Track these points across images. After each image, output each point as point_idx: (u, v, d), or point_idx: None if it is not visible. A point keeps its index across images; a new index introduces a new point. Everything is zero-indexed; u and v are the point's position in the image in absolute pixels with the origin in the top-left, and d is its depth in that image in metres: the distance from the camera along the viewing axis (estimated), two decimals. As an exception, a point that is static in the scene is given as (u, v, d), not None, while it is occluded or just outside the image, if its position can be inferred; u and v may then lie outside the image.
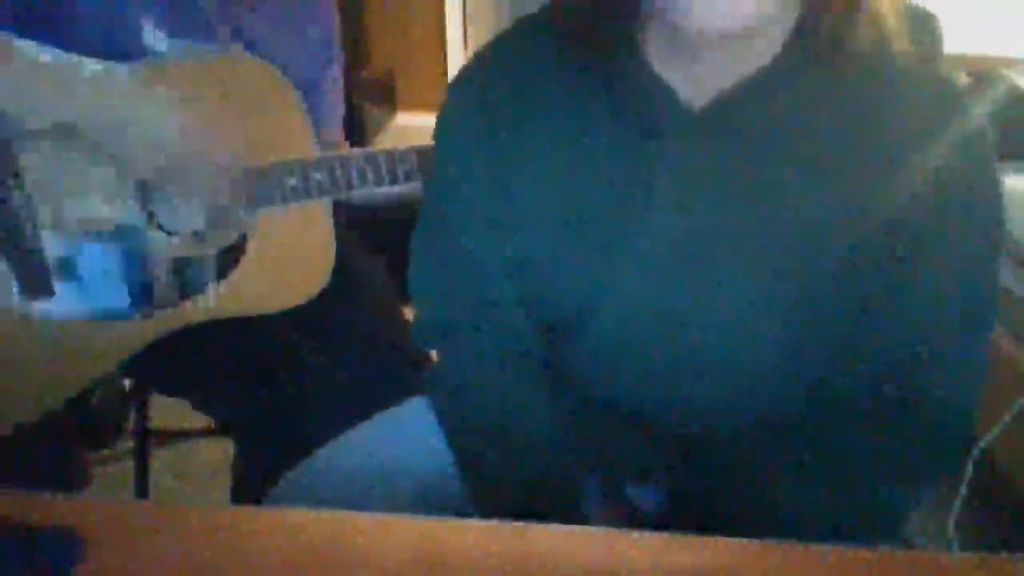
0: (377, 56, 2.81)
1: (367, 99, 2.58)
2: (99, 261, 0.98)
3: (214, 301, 1.02)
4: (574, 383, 0.78)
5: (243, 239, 1.02)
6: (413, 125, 2.85)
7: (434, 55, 2.84)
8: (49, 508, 0.58)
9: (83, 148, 0.95)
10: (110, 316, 1.00)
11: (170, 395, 1.18)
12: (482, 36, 2.74)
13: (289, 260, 1.06)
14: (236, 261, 1.03)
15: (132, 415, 1.40)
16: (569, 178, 0.69)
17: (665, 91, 0.65)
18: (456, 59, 2.81)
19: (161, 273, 1.00)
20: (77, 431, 1.59)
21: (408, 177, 1.05)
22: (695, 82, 0.64)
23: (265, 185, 1.01)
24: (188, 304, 1.01)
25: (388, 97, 2.87)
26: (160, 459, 1.62)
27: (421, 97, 2.87)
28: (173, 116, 0.97)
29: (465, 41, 2.80)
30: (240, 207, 1.01)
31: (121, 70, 0.94)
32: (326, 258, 1.07)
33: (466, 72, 0.75)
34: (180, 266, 1.01)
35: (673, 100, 0.65)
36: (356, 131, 1.78)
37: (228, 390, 1.07)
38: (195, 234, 1.01)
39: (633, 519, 0.80)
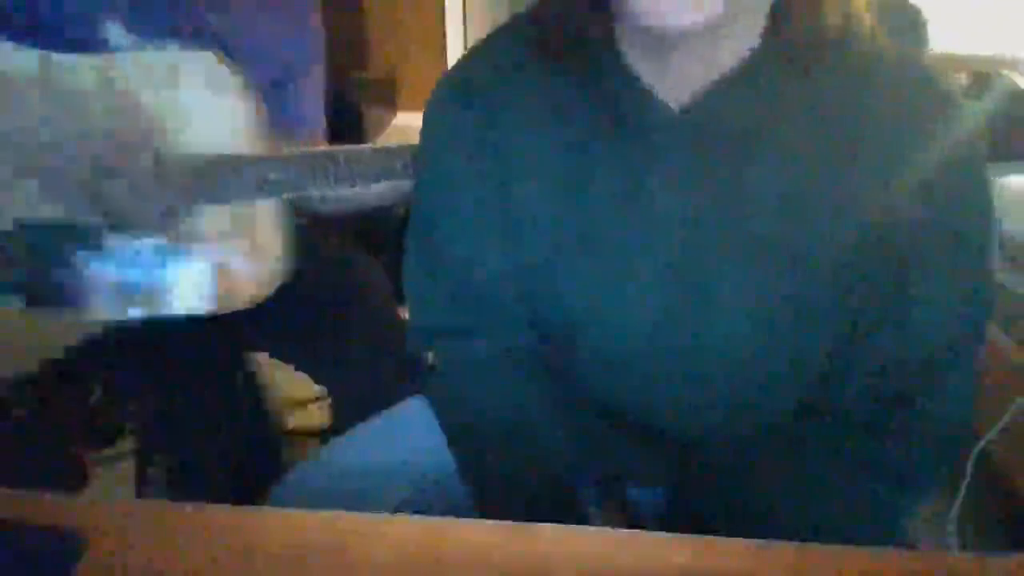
0: (377, 56, 2.81)
1: (367, 99, 2.58)
2: (48, 260, 0.97)
3: (167, 300, 1.00)
4: (573, 387, 0.78)
5: (194, 237, 1.00)
6: (413, 125, 2.84)
7: (434, 55, 2.84)
8: (49, 508, 0.58)
9: (32, 146, 0.94)
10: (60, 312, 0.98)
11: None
12: (482, 36, 2.74)
13: (243, 259, 1.03)
14: (188, 259, 1.01)
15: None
16: (557, 184, 0.68)
17: (643, 91, 0.64)
18: (456, 59, 2.81)
19: (112, 271, 0.98)
20: (77, 431, 1.59)
21: (371, 178, 1.00)
22: (673, 81, 0.64)
23: (217, 182, 0.98)
24: (140, 301, 1.00)
25: (388, 97, 2.87)
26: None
27: (421, 97, 2.87)
28: (121, 111, 0.96)
29: (465, 41, 2.80)
30: (192, 205, 0.99)
31: (69, 62, 0.93)
32: (281, 258, 1.04)
33: (448, 81, 0.74)
34: (132, 265, 0.99)
35: (652, 100, 0.64)
36: (356, 131, 1.77)
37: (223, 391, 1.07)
38: (146, 233, 0.99)
39: (632, 520, 0.80)
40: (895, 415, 0.68)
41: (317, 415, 1.48)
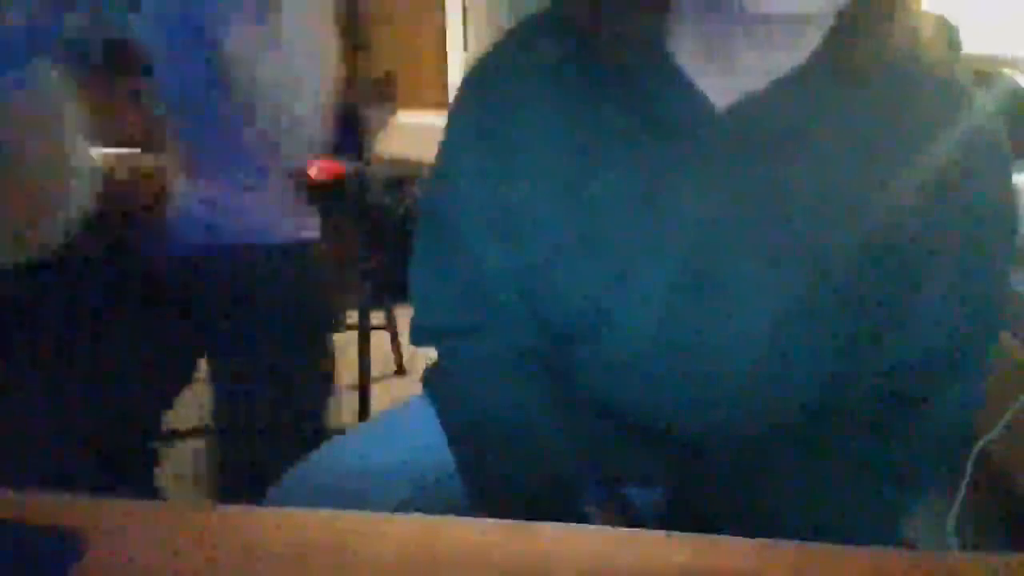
0: (377, 56, 2.81)
1: (367, 99, 2.58)
2: None
3: None
4: (575, 387, 0.78)
5: None
6: (413, 124, 2.85)
7: (434, 55, 2.84)
8: (49, 508, 0.58)
9: None
10: None
11: None
12: (482, 36, 2.74)
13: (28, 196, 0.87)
14: None
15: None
16: (582, 183, 0.68)
17: (692, 91, 0.64)
18: (456, 59, 2.81)
19: None
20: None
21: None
22: (725, 82, 0.63)
23: None
24: None
25: (388, 97, 2.87)
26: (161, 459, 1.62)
27: (421, 97, 2.87)
28: None
29: (465, 41, 2.80)
30: None
31: None
32: (79, 190, 0.88)
33: (473, 75, 0.74)
34: None
35: (700, 100, 0.64)
36: (356, 131, 1.78)
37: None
38: None
39: (632, 520, 0.80)
40: (900, 416, 0.68)
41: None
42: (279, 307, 1.17)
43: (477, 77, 0.73)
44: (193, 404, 1.19)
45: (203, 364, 1.23)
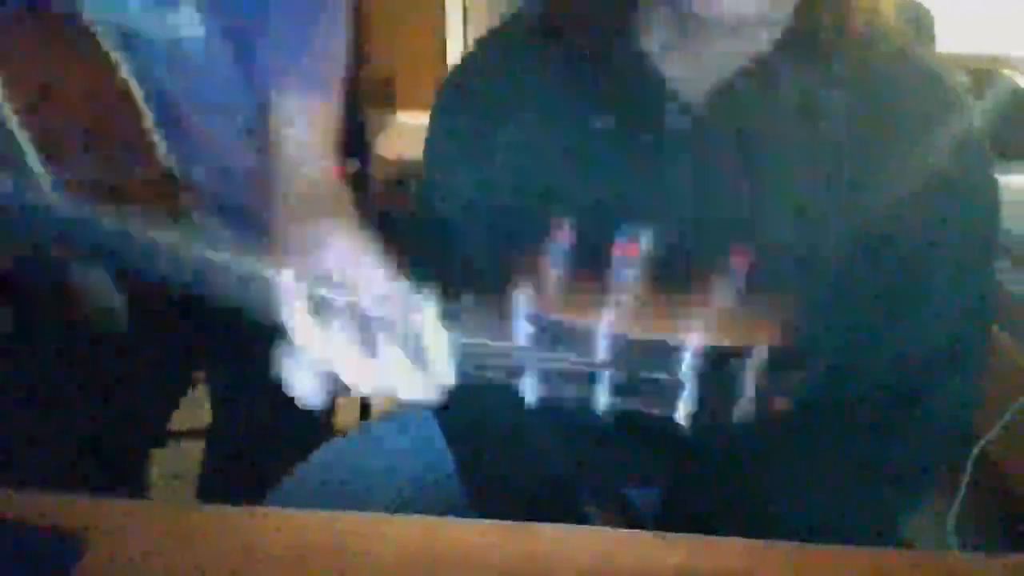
0: (377, 56, 2.81)
1: (367, 99, 2.59)
2: None
3: None
4: None
5: None
6: (413, 125, 2.85)
7: (434, 55, 2.84)
8: (49, 508, 0.58)
9: None
10: None
11: None
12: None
13: None
14: None
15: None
16: (566, 178, 0.68)
17: (660, 83, 0.65)
18: (456, 59, 2.82)
19: None
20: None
21: None
22: (695, 73, 0.64)
23: None
24: None
25: (388, 97, 2.87)
26: (160, 459, 1.62)
27: (421, 97, 2.87)
28: None
29: (465, 41, 2.80)
30: None
31: None
32: None
33: (456, 74, 0.74)
34: None
35: (668, 92, 0.65)
36: (356, 132, 1.78)
37: None
38: None
39: (632, 520, 0.80)
40: (898, 414, 0.68)
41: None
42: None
43: (460, 76, 0.74)
44: (192, 404, 1.18)
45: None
